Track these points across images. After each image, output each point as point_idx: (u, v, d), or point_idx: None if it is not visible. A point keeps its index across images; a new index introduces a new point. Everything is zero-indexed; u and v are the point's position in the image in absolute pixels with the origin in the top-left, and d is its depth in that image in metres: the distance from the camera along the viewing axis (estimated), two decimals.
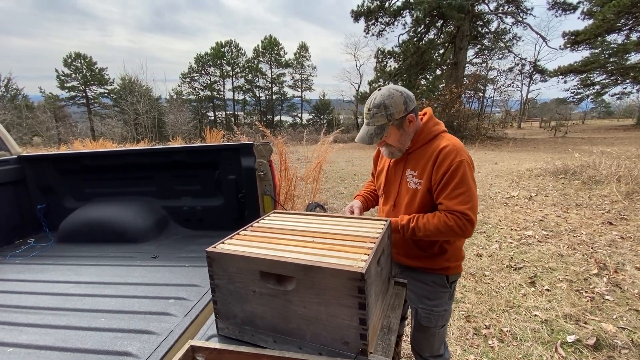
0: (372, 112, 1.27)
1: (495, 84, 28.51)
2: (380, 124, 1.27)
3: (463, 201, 1.20)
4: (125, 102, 27.60)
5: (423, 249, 1.38)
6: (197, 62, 37.74)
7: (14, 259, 1.93)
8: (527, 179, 6.92)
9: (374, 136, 1.29)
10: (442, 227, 1.21)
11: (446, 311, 1.45)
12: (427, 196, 1.30)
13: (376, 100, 1.26)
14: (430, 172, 1.27)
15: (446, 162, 1.23)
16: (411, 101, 1.28)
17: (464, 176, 1.21)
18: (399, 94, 1.26)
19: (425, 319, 1.44)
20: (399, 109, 1.25)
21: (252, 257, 0.97)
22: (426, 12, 18.69)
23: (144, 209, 2.21)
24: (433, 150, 1.28)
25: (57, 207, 2.36)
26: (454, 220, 1.20)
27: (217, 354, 0.95)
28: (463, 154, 1.24)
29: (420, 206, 1.32)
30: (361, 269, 0.85)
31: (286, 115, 42.32)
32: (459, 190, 1.21)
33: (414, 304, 1.47)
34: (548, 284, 2.84)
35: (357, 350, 0.89)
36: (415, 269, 1.43)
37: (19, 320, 1.27)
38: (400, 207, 1.39)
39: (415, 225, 1.27)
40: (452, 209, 1.21)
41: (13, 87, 28.67)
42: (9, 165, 2.24)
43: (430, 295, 1.42)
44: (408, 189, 1.35)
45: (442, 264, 1.38)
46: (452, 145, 1.26)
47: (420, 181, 1.31)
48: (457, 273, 1.43)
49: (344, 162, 11.51)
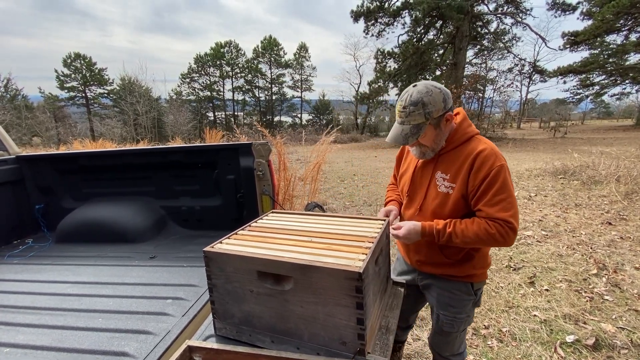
0: (409, 110, 1.16)
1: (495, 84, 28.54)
2: (416, 122, 1.17)
3: (505, 208, 1.13)
4: (124, 103, 27.59)
5: (448, 256, 1.31)
6: (196, 62, 37.75)
7: (11, 259, 1.92)
8: (526, 179, 6.92)
9: (410, 136, 1.18)
10: (483, 234, 1.14)
11: (469, 317, 1.40)
12: (460, 202, 1.22)
13: (413, 97, 1.16)
14: (466, 176, 1.19)
15: (485, 166, 1.15)
16: (449, 98, 1.19)
17: (505, 182, 1.15)
18: (437, 91, 1.16)
19: (447, 325, 1.39)
20: (438, 106, 1.16)
21: (250, 257, 0.97)
22: (425, 13, 18.70)
23: (142, 209, 2.20)
24: (469, 153, 1.20)
25: (55, 207, 2.36)
26: (496, 228, 1.13)
27: (215, 354, 0.94)
28: (502, 159, 1.18)
29: (451, 212, 1.24)
30: (359, 268, 0.84)
31: (286, 115, 42.33)
32: (500, 197, 1.14)
33: (436, 310, 1.42)
34: (547, 284, 2.84)
35: (354, 350, 0.88)
36: (438, 276, 1.37)
37: (16, 320, 1.26)
38: (426, 212, 1.30)
39: (452, 230, 1.18)
40: (494, 216, 1.13)
41: (12, 88, 28.66)
42: (7, 165, 2.23)
43: (454, 303, 1.36)
44: (437, 192, 1.27)
45: (467, 271, 1.31)
46: (490, 149, 1.18)
47: (452, 185, 1.23)
48: (482, 280, 1.37)
49: (343, 163, 11.51)
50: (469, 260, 1.30)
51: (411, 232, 1.24)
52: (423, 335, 2.24)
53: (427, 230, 1.22)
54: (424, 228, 1.23)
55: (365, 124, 32.25)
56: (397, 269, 1.57)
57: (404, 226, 1.26)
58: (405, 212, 1.41)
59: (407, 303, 1.59)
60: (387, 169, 9.48)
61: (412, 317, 1.70)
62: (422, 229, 1.23)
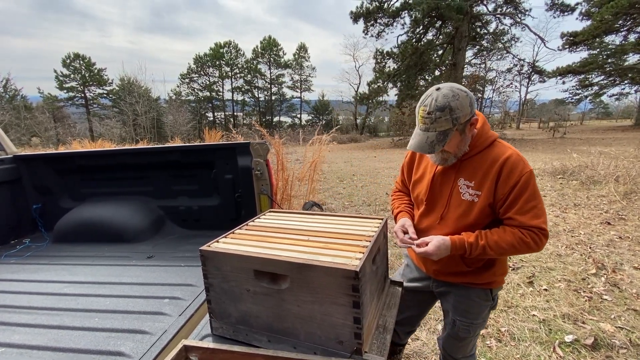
0: (435, 116, 1.08)
1: (494, 84, 28.60)
2: (443, 129, 1.09)
3: (537, 215, 1.10)
4: (124, 103, 27.58)
5: (469, 265, 1.26)
6: (196, 62, 37.74)
7: (8, 259, 1.91)
8: None
9: (436, 144, 1.10)
10: (518, 243, 1.10)
11: (484, 321, 1.38)
12: (485, 210, 1.17)
13: (439, 102, 1.08)
14: (493, 184, 1.13)
15: (515, 173, 1.11)
16: (474, 102, 1.14)
17: (535, 188, 1.12)
18: (464, 94, 1.10)
19: (464, 331, 1.36)
20: (465, 111, 1.09)
21: (246, 256, 0.96)
22: (425, 13, 18.72)
23: (140, 209, 2.20)
24: (494, 159, 1.15)
25: (53, 207, 2.35)
26: (531, 236, 1.10)
27: (211, 354, 0.94)
28: (528, 164, 1.14)
29: (476, 220, 1.18)
30: (355, 267, 0.84)
31: (285, 116, 42.33)
32: (532, 203, 1.10)
33: (452, 316, 1.38)
34: (546, 283, 2.84)
35: (351, 349, 0.88)
36: (457, 284, 1.33)
37: (12, 320, 1.26)
38: (449, 221, 1.24)
39: (485, 243, 1.13)
40: (527, 224, 1.10)
41: (12, 88, 28.61)
42: (5, 164, 2.23)
43: (473, 309, 1.33)
44: (461, 200, 1.20)
45: (487, 278, 1.27)
46: (517, 155, 1.14)
47: (478, 193, 1.17)
48: (500, 285, 1.35)
49: (342, 163, 11.51)
50: (490, 268, 1.27)
51: (441, 249, 1.16)
52: (422, 335, 2.24)
53: (457, 245, 1.16)
54: (454, 242, 1.16)
55: (364, 124, 32.27)
56: (407, 275, 1.52)
57: (431, 242, 1.17)
58: (423, 220, 1.33)
59: (416, 308, 1.56)
60: (387, 169, 9.48)
61: (418, 322, 1.67)
62: (452, 244, 1.16)
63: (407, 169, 1.47)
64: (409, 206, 1.46)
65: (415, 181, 1.39)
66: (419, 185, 1.36)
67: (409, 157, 1.46)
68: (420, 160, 1.39)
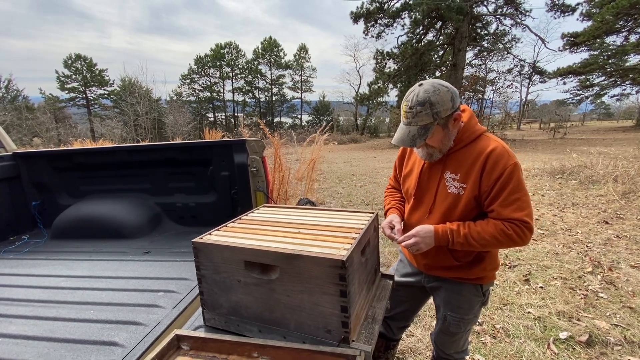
0: (416, 111, 1.11)
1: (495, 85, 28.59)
2: (424, 123, 1.12)
3: (520, 207, 1.10)
4: (125, 104, 27.64)
5: (458, 259, 1.26)
6: (197, 63, 37.83)
7: (7, 255, 1.93)
8: (524, 179, 6.92)
9: (417, 137, 1.13)
10: (500, 235, 1.10)
11: (475, 317, 1.39)
12: (471, 203, 1.18)
13: (419, 97, 1.11)
14: (478, 177, 1.14)
15: (499, 166, 1.11)
16: (457, 97, 1.14)
17: (519, 180, 1.11)
18: (445, 89, 1.11)
19: (454, 326, 1.37)
20: (446, 106, 1.11)
21: (237, 247, 0.98)
22: (425, 14, 18.74)
23: (137, 206, 2.22)
24: (479, 152, 1.16)
25: (51, 203, 2.37)
26: (513, 228, 1.09)
27: (202, 343, 0.96)
28: (514, 157, 1.13)
29: (462, 213, 1.19)
30: (342, 256, 0.86)
31: (286, 116, 42.38)
32: (515, 196, 1.10)
33: (443, 311, 1.39)
34: (542, 281, 2.85)
35: (339, 338, 0.90)
36: (448, 279, 1.33)
37: (9, 312, 1.28)
38: (437, 214, 1.25)
39: (468, 232, 1.14)
40: (510, 216, 1.10)
41: (13, 89, 28.71)
42: (4, 161, 2.25)
43: (463, 304, 1.33)
44: (447, 194, 1.21)
45: (477, 273, 1.27)
46: (502, 147, 1.14)
47: (463, 185, 1.18)
48: (492, 281, 1.35)
49: (342, 163, 11.53)
50: (479, 262, 1.27)
51: (425, 237, 1.18)
52: (417, 332, 2.25)
53: (440, 233, 1.17)
54: (437, 230, 1.17)
55: (365, 125, 32.28)
56: (400, 270, 1.54)
57: (416, 235, 1.19)
58: (412, 215, 1.34)
59: (409, 303, 1.56)
60: (386, 169, 9.49)
61: (412, 317, 1.68)
62: (434, 231, 1.18)
63: (398, 164, 1.49)
64: (399, 202, 1.47)
65: (404, 176, 1.42)
66: (408, 180, 1.38)
67: (400, 153, 1.48)
68: (410, 155, 1.41)
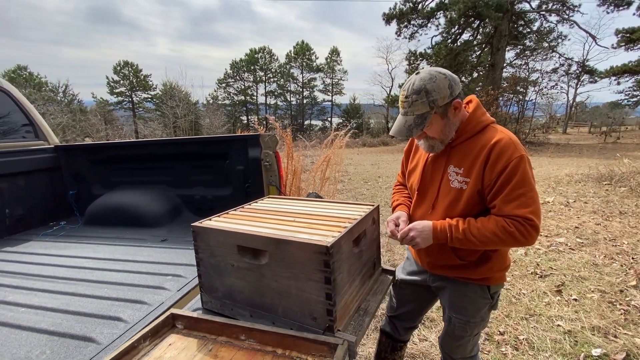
0: (411, 100, 1.07)
1: (538, 86, 26.79)
2: (420, 112, 1.07)
3: (524, 203, 1.02)
4: (165, 107, 29.35)
5: (463, 258, 1.19)
6: (232, 68, 39.31)
7: (44, 237, 2.12)
8: (565, 184, 6.42)
9: (414, 127, 1.09)
10: (501, 233, 1.03)
11: (483, 320, 1.29)
12: (475, 198, 1.10)
13: (415, 85, 1.06)
14: (481, 170, 1.07)
15: (503, 158, 1.03)
16: (456, 84, 1.08)
17: (525, 174, 1.03)
18: (442, 76, 1.06)
19: (459, 329, 1.29)
20: (443, 94, 1.05)
21: (230, 231, 1.00)
22: (461, 13, 18.08)
23: (159, 197, 2.34)
24: (484, 143, 1.08)
25: (86, 193, 2.57)
26: (515, 225, 1.01)
27: (194, 322, 0.99)
28: (521, 149, 1.05)
29: (465, 209, 1.13)
30: (328, 243, 0.85)
31: (316, 119, 42.71)
32: (520, 191, 1.02)
33: (448, 313, 1.32)
34: (577, 293, 2.62)
35: (324, 326, 0.88)
36: (452, 278, 1.26)
37: (34, 286, 1.40)
38: (440, 210, 1.19)
39: (467, 227, 1.07)
40: (512, 213, 1.02)
41: (70, 93, 31.56)
42: (47, 154, 2.48)
43: (469, 306, 1.25)
44: (450, 188, 1.15)
45: (484, 273, 1.19)
46: (508, 138, 1.06)
47: (466, 180, 1.11)
48: (500, 283, 1.25)
49: (370, 165, 11.39)
50: (485, 262, 1.18)
51: (423, 232, 1.13)
52: (430, 336, 2.16)
53: (439, 228, 1.11)
54: (436, 226, 1.12)
55: None
56: (406, 268, 1.49)
57: (413, 229, 1.14)
58: (416, 211, 1.29)
59: (415, 303, 1.51)
60: None
61: (419, 317, 1.61)
62: (433, 227, 1.12)
63: (404, 158, 1.44)
64: (408, 199, 1.42)
65: (410, 170, 1.37)
66: (413, 175, 1.33)
67: (407, 147, 1.44)
68: (416, 149, 1.36)
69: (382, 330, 1.65)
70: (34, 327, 1.09)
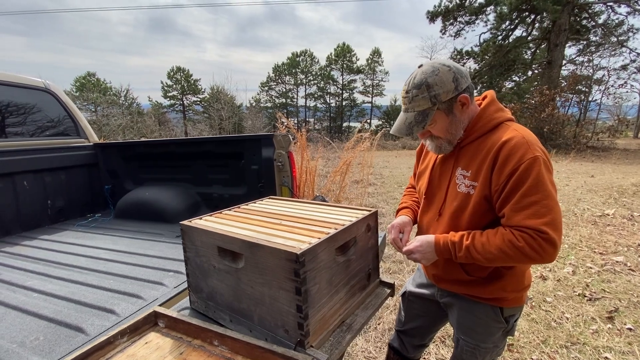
0: (412, 95, 0.97)
1: (604, 84, 23.96)
2: (421, 108, 0.97)
3: (537, 213, 0.86)
4: (212, 109, 31.05)
5: (470, 273, 1.06)
6: (274, 71, 40.46)
7: (78, 228, 2.30)
8: (630, 195, 5.63)
9: (414, 125, 0.98)
10: (509, 249, 0.88)
11: (497, 347, 1.13)
12: (483, 205, 0.97)
13: (416, 79, 0.97)
14: (488, 172, 0.95)
15: (513, 159, 0.90)
16: (463, 77, 0.97)
17: (539, 179, 0.87)
18: (446, 69, 0.95)
19: (468, 354, 1.14)
20: (446, 88, 0.95)
21: (211, 232, 0.97)
22: (513, 7, 16.82)
23: (181, 194, 2.43)
24: (493, 143, 0.95)
25: (119, 188, 2.75)
26: (525, 240, 0.87)
27: (173, 322, 0.97)
28: (536, 149, 0.90)
29: (472, 218, 1.00)
30: (299, 250, 0.78)
31: (355, 121, 42.39)
32: (532, 198, 0.87)
33: (456, 333, 1.19)
34: (632, 322, 2.24)
35: (295, 340, 0.82)
36: (460, 295, 1.13)
37: (52, 273, 1.50)
38: (446, 217, 1.07)
39: (470, 243, 0.94)
40: (523, 224, 0.87)
41: (130, 97, 34.68)
42: (87, 151, 2.69)
43: (478, 329, 1.11)
44: (457, 193, 1.03)
45: (495, 293, 1.04)
46: (521, 137, 0.92)
47: (474, 184, 0.98)
48: (517, 306, 1.09)
49: (407, 169, 10.98)
50: (497, 280, 1.03)
51: (424, 247, 1.03)
52: (448, 356, 1.97)
53: (441, 244, 1.00)
54: (438, 241, 1.01)
55: None
56: (416, 280, 1.37)
57: (414, 242, 1.06)
58: (423, 217, 1.18)
59: (424, 319, 1.39)
60: None
61: (429, 335, 1.46)
62: (435, 242, 1.01)
63: (416, 160, 1.32)
64: (414, 202, 1.31)
65: (419, 173, 1.25)
66: (422, 178, 1.21)
67: (418, 148, 1.32)
68: (427, 150, 1.24)
69: (390, 345, 1.53)
70: (38, 313, 1.16)
